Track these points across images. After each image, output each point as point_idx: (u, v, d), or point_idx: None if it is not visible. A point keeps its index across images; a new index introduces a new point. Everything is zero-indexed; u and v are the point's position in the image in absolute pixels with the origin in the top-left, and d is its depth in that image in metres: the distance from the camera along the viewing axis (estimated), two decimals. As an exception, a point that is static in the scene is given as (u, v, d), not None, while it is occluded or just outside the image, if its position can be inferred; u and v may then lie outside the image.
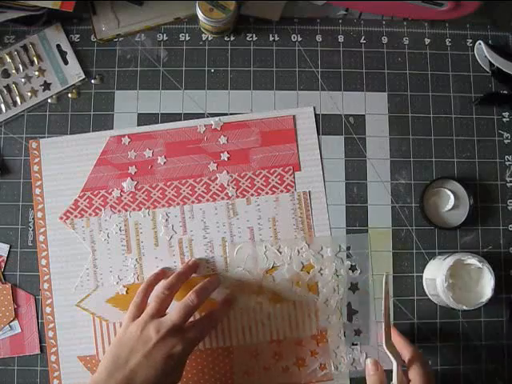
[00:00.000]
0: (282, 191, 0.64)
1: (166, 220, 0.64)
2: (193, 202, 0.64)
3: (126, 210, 0.64)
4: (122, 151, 0.65)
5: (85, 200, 0.64)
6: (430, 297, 0.63)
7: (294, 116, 0.66)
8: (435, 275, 0.60)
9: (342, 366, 0.62)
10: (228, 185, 0.64)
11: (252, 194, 0.64)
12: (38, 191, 0.64)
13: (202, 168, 0.65)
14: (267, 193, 0.64)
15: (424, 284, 0.64)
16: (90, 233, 0.63)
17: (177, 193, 0.64)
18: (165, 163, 0.65)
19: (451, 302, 0.58)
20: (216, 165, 0.65)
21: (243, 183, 0.64)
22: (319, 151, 0.65)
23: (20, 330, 0.63)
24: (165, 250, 0.63)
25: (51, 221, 0.64)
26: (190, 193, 0.64)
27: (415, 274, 0.65)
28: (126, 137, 0.65)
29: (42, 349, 0.63)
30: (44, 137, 0.65)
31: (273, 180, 0.65)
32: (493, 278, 0.59)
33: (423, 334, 0.64)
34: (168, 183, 0.64)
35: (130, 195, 0.64)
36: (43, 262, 0.63)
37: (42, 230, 0.63)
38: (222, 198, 0.64)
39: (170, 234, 0.63)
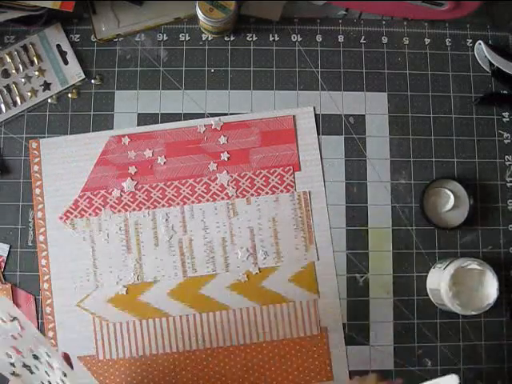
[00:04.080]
0: (281, 191, 0.64)
1: (166, 220, 0.64)
2: (193, 201, 0.64)
3: (126, 210, 0.64)
4: (121, 151, 0.65)
5: (85, 200, 0.64)
6: (436, 305, 0.63)
7: (293, 116, 0.66)
8: (438, 285, 0.60)
9: (342, 366, 0.62)
10: (228, 185, 0.64)
11: (252, 194, 0.64)
12: (37, 191, 0.64)
13: (202, 168, 0.65)
14: (267, 193, 0.64)
15: (429, 294, 0.64)
16: (90, 233, 0.63)
17: (177, 193, 0.64)
18: (165, 163, 0.65)
19: (459, 310, 0.59)
20: (216, 165, 0.65)
21: (243, 183, 0.64)
22: (319, 151, 0.65)
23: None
24: (165, 249, 0.63)
25: (51, 221, 0.64)
26: (190, 193, 0.64)
27: (415, 274, 0.65)
28: (126, 137, 0.65)
29: (42, 349, 0.63)
30: (44, 137, 0.65)
31: (273, 180, 0.65)
32: (495, 279, 0.59)
33: (423, 333, 0.64)
34: (168, 183, 0.64)
35: (130, 195, 0.64)
36: (43, 261, 0.63)
37: (42, 229, 0.63)
38: (222, 198, 0.64)
39: (170, 233, 0.63)
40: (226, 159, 0.65)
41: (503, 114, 0.68)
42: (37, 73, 0.66)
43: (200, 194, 0.64)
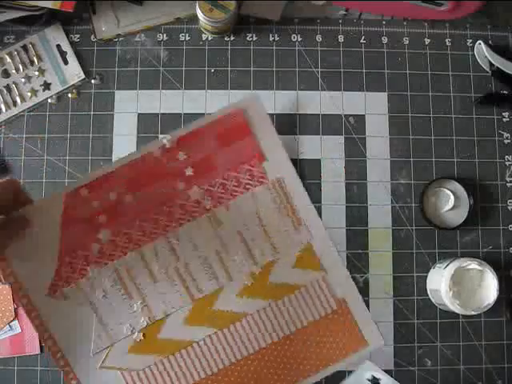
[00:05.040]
0: (255, 186, 0.63)
1: (156, 255, 0.62)
2: (174, 227, 0.62)
3: (113, 260, 0.61)
4: (84, 204, 0.60)
5: (66, 267, 0.60)
6: (436, 305, 0.63)
7: (242, 109, 0.61)
8: (438, 286, 0.60)
9: (372, 328, 0.61)
10: (202, 198, 0.63)
11: (228, 199, 0.63)
12: (11, 279, 0.58)
13: (172, 191, 0.61)
14: (242, 192, 0.63)
15: (429, 294, 0.64)
16: (84, 296, 0.60)
17: (156, 224, 0.61)
18: (133, 200, 0.61)
19: (459, 310, 0.59)
20: (183, 183, 0.61)
21: (216, 191, 0.63)
22: (278, 138, 0.61)
23: (20, 330, 0.63)
24: (165, 283, 0.61)
25: (39, 300, 0.59)
26: (169, 219, 0.62)
27: (415, 274, 0.65)
28: (84, 188, 0.60)
29: (41, 349, 0.63)
30: (44, 137, 0.65)
31: (243, 178, 0.63)
32: (495, 279, 0.59)
33: (423, 333, 0.64)
34: (143, 218, 0.61)
35: (111, 244, 0.60)
36: (49, 342, 0.59)
37: (33, 314, 0.58)
38: (201, 213, 0.63)
39: (165, 266, 0.62)
40: (192, 173, 0.62)
41: (503, 113, 0.68)
42: (37, 73, 0.66)
43: (179, 218, 0.62)
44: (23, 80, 0.66)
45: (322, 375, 0.60)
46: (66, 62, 0.66)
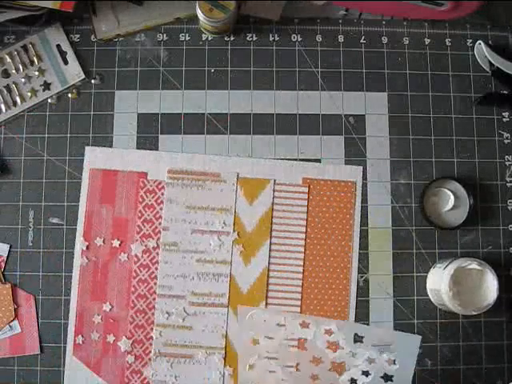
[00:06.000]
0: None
1: (167, 313, 0.63)
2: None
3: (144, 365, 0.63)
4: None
5: None
6: (436, 305, 0.63)
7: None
8: (438, 286, 0.60)
9: None
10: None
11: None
12: None
13: None
14: None
15: (429, 294, 0.64)
16: None
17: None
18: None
19: (459, 310, 0.59)
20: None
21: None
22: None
23: (20, 330, 0.63)
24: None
25: None
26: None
27: (415, 274, 0.65)
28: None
29: (41, 349, 0.63)
30: (44, 137, 0.65)
31: None
32: (496, 279, 0.59)
33: (423, 333, 0.64)
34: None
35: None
36: None
37: None
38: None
39: (182, 315, 0.63)
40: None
41: (503, 113, 0.68)
42: (37, 73, 0.66)
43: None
44: (23, 80, 0.66)
45: None
46: (66, 62, 0.66)
